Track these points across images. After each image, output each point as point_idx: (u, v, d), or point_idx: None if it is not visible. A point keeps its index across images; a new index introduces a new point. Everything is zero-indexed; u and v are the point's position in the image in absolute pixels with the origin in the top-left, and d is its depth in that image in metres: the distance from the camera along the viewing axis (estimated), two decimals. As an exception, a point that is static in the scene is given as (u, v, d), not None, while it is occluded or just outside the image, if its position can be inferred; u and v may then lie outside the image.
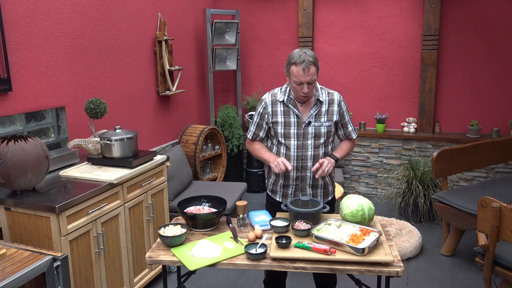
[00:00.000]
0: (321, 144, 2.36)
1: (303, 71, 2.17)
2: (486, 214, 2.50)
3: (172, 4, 4.29)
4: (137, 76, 3.80)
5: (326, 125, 2.35)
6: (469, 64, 4.48)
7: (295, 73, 2.21)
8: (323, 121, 2.34)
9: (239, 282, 3.24)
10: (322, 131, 2.35)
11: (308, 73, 2.18)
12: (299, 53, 2.20)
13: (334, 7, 4.83)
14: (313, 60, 2.20)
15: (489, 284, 2.61)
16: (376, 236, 1.96)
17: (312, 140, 2.35)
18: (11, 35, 2.61)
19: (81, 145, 2.86)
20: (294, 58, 2.20)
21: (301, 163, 2.37)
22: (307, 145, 2.35)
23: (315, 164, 2.33)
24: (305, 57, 2.18)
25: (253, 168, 5.16)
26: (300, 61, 2.17)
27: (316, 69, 2.22)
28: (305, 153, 2.36)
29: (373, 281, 2.23)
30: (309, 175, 2.39)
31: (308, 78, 2.19)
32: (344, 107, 2.41)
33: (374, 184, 4.95)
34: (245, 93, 5.36)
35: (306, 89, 2.22)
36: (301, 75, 2.19)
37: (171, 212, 3.40)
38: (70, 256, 2.28)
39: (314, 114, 2.34)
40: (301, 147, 2.35)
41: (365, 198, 2.20)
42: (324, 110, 2.35)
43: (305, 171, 2.39)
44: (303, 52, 2.20)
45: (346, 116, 2.43)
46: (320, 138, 2.35)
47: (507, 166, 4.41)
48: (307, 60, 2.17)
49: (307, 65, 2.17)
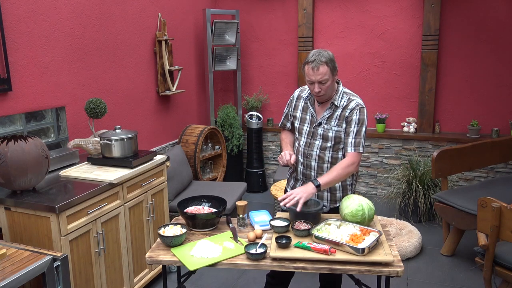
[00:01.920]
0: (328, 147, 2.35)
1: (312, 70, 2.19)
2: (486, 214, 2.50)
3: (172, 4, 4.29)
4: (137, 76, 3.80)
5: (335, 129, 2.32)
6: (469, 64, 4.48)
7: (306, 72, 2.23)
8: (332, 125, 2.33)
9: (239, 282, 3.24)
10: (329, 134, 2.33)
11: (318, 72, 2.18)
12: (314, 53, 2.21)
13: (334, 7, 4.83)
14: (326, 60, 2.18)
15: (489, 284, 2.61)
16: (376, 236, 1.96)
17: (319, 141, 2.36)
18: (11, 35, 2.61)
19: (81, 145, 2.86)
20: (308, 57, 2.23)
21: (307, 160, 2.40)
22: (314, 144, 2.37)
23: (319, 166, 2.37)
24: (317, 56, 2.18)
25: (253, 168, 5.16)
26: (312, 60, 2.19)
27: (328, 69, 2.19)
28: (310, 151, 2.38)
29: (373, 281, 2.23)
30: (312, 174, 2.40)
31: (318, 78, 2.19)
32: (355, 116, 2.28)
33: (374, 184, 4.95)
34: (245, 93, 5.36)
35: (317, 88, 2.22)
36: (311, 74, 2.20)
37: (171, 212, 3.40)
38: (70, 256, 2.28)
39: (326, 116, 2.34)
40: (308, 145, 2.39)
41: (365, 198, 2.20)
42: (337, 114, 2.33)
43: (309, 170, 2.41)
44: (318, 52, 2.21)
45: (353, 125, 2.28)
46: (328, 141, 2.34)
47: (507, 166, 4.41)
48: (318, 60, 2.17)
49: (317, 64, 2.17)
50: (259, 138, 5.14)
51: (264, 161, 5.35)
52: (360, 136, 2.29)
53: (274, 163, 5.38)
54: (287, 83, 5.18)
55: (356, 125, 2.28)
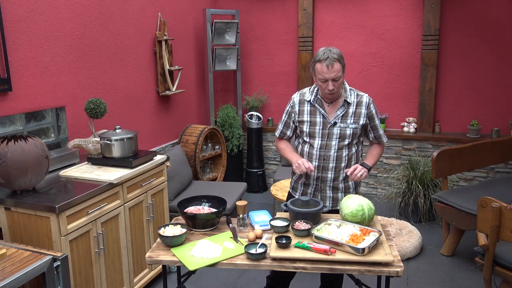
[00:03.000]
0: (345, 145, 2.34)
1: (326, 67, 2.17)
2: (486, 214, 2.50)
3: (172, 4, 4.29)
4: (137, 76, 3.80)
5: (352, 127, 2.33)
6: (469, 64, 4.48)
7: (319, 70, 2.21)
8: (349, 122, 2.33)
9: (239, 282, 3.24)
10: (347, 132, 2.33)
11: (332, 69, 2.17)
12: (324, 51, 2.21)
13: (334, 7, 4.83)
14: (338, 57, 2.19)
15: (489, 284, 2.61)
16: (376, 236, 1.96)
17: (336, 141, 2.33)
18: (11, 35, 2.61)
19: (81, 145, 2.86)
20: (319, 56, 2.21)
21: (323, 163, 2.36)
22: (330, 145, 2.34)
23: (337, 166, 2.34)
24: (329, 54, 2.18)
25: (253, 168, 5.16)
26: (324, 58, 2.18)
27: (341, 66, 2.20)
28: (328, 153, 2.34)
29: (373, 281, 2.23)
30: (330, 176, 2.37)
31: (333, 75, 2.18)
32: (373, 110, 2.38)
33: (374, 184, 4.95)
34: (245, 93, 5.36)
35: (331, 86, 2.21)
36: (325, 72, 2.19)
37: (171, 212, 3.40)
38: (70, 256, 2.28)
39: (341, 115, 2.32)
40: (325, 147, 2.34)
41: (365, 198, 2.20)
42: (352, 111, 2.33)
43: (326, 172, 2.37)
44: (327, 49, 2.21)
45: (376, 119, 2.40)
46: (345, 139, 2.33)
47: (507, 166, 4.41)
48: (331, 57, 2.17)
49: (331, 61, 2.17)
50: (259, 138, 5.14)
51: (264, 161, 5.35)
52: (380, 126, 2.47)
53: (274, 163, 5.38)
54: (287, 83, 5.18)
55: (377, 117, 2.43)
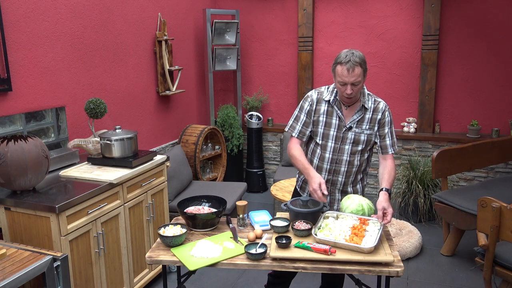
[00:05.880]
0: (358, 151, 2.31)
1: (347, 71, 2.11)
2: (486, 214, 2.50)
3: (172, 4, 4.29)
4: (137, 76, 3.80)
5: (367, 133, 2.29)
6: (469, 64, 4.48)
7: (339, 73, 2.14)
8: (364, 128, 2.28)
9: (239, 282, 3.24)
10: (361, 138, 2.29)
11: (353, 73, 2.11)
12: (346, 53, 2.14)
13: (334, 7, 4.83)
14: (360, 61, 2.12)
15: (489, 284, 2.61)
16: (377, 226, 2.01)
17: (350, 145, 2.29)
18: (11, 35, 2.61)
19: (81, 145, 2.86)
20: (340, 58, 2.14)
21: (335, 166, 2.33)
22: (343, 149, 2.30)
23: (348, 170, 2.32)
24: (352, 57, 2.11)
25: (253, 168, 5.16)
26: (346, 61, 2.11)
27: (362, 70, 2.13)
28: (340, 157, 2.31)
29: (373, 281, 2.23)
30: (340, 180, 2.35)
31: (352, 79, 2.12)
32: (387, 118, 2.31)
33: (374, 184, 4.95)
34: (245, 93, 5.36)
35: (349, 90, 2.14)
36: (345, 75, 2.12)
37: (171, 212, 3.40)
38: (70, 256, 2.28)
39: (357, 120, 2.28)
40: (337, 151, 2.30)
41: (365, 198, 2.20)
42: (368, 117, 2.28)
43: (337, 175, 2.34)
44: (350, 52, 2.14)
45: (387, 127, 2.31)
46: (359, 145, 2.30)
47: (507, 166, 4.41)
48: (353, 61, 2.10)
49: (352, 65, 2.10)
50: (259, 138, 5.14)
51: (264, 161, 5.35)
52: (394, 136, 2.35)
53: (274, 163, 5.38)
54: (287, 83, 5.18)
55: (390, 126, 2.33)
